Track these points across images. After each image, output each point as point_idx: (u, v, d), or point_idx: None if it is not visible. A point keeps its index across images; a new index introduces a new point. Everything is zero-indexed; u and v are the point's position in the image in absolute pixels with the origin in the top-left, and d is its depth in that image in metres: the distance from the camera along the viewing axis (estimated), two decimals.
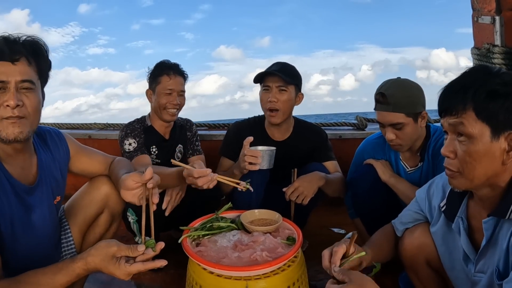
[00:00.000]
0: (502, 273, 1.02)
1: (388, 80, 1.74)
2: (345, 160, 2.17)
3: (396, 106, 1.64)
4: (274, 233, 1.45)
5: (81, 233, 1.51)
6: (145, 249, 1.14)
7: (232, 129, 2.19)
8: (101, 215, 1.52)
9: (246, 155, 1.74)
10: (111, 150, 2.32)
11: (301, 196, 1.78)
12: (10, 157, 1.24)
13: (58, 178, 1.41)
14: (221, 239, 1.41)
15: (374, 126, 3.18)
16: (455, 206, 1.20)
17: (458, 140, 1.05)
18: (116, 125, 3.42)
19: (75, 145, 1.50)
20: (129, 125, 2.13)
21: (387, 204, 1.76)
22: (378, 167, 1.82)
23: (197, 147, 2.36)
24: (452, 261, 1.24)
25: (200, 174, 1.47)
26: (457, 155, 1.05)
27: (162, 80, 2.11)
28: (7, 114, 1.15)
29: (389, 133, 1.70)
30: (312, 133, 2.17)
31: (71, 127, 3.52)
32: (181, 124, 2.34)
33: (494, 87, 1.01)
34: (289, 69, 2.03)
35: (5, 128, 1.16)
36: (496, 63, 2.18)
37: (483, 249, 1.10)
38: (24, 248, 1.26)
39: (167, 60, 2.18)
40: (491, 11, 2.27)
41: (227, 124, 3.28)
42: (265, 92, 2.01)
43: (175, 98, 2.11)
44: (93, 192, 1.50)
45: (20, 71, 1.17)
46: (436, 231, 1.29)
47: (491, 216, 1.07)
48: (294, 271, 1.28)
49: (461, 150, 1.04)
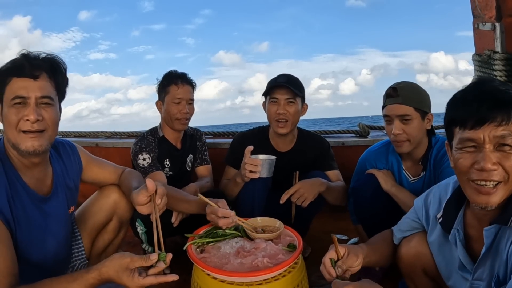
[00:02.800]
0: (502, 280, 1.03)
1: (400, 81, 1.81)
2: (347, 167, 2.19)
3: (406, 98, 1.70)
4: (275, 240, 1.49)
5: (91, 239, 1.57)
6: (157, 261, 1.18)
7: (237, 139, 2.23)
8: (110, 222, 1.58)
9: (246, 163, 1.78)
10: (117, 158, 2.38)
11: (301, 198, 1.82)
12: (27, 168, 1.30)
13: (72, 188, 1.47)
14: (225, 246, 1.45)
15: (377, 133, 3.21)
16: (451, 218, 1.21)
17: (500, 151, 1.00)
18: (123, 134, 3.48)
19: (86, 156, 1.56)
20: (143, 139, 2.13)
21: (388, 213, 1.77)
22: (380, 177, 1.84)
23: (206, 157, 2.40)
24: (448, 271, 1.26)
25: (224, 215, 1.51)
26: (501, 165, 1.00)
27: (170, 90, 2.14)
28: (27, 127, 1.22)
29: (396, 127, 1.71)
30: (314, 142, 2.21)
31: (78, 135, 3.57)
32: (191, 133, 2.37)
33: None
34: (295, 81, 2.06)
35: (24, 141, 1.22)
36: (497, 70, 2.20)
37: (483, 257, 1.10)
38: (39, 256, 1.31)
39: (174, 70, 2.22)
40: (491, 18, 2.29)
41: (232, 132, 3.33)
42: (272, 104, 2.04)
43: (184, 106, 2.13)
44: (102, 200, 1.56)
45: (40, 87, 1.24)
46: (433, 241, 1.30)
47: (493, 224, 1.06)
48: (295, 277, 1.32)
49: (508, 160, 0.99)
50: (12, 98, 1.20)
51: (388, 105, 1.75)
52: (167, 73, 2.21)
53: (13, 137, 1.22)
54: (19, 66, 1.22)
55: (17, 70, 1.22)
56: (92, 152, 1.64)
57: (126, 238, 1.76)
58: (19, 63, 1.23)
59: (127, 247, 2.36)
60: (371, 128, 3.24)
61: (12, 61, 1.24)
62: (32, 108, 1.21)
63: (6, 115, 1.22)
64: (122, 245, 2.32)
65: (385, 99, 1.78)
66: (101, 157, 1.67)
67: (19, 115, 1.21)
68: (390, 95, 1.75)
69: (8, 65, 1.23)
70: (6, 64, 1.23)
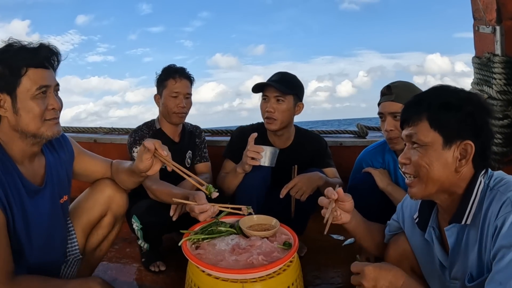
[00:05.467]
0: (475, 278, 1.07)
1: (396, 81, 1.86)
2: (345, 167, 2.20)
3: (399, 96, 1.73)
4: (271, 238, 1.48)
5: (85, 234, 1.57)
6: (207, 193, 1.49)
7: (237, 133, 2.24)
8: (105, 217, 1.57)
9: (249, 150, 1.82)
10: (116, 154, 2.38)
11: (300, 191, 1.84)
12: (26, 159, 1.31)
13: (64, 178, 1.47)
14: (220, 243, 1.44)
15: (375, 134, 3.20)
16: (426, 217, 1.26)
17: (413, 148, 1.13)
18: (121, 130, 3.48)
19: (77, 146, 1.57)
20: (138, 131, 2.16)
21: (383, 211, 1.79)
22: (376, 175, 1.86)
23: (205, 154, 2.39)
24: (430, 271, 1.29)
25: (201, 211, 1.54)
26: (411, 161, 1.13)
27: (168, 83, 2.14)
28: (52, 116, 1.27)
29: (388, 123, 1.76)
30: (312, 141, 2.21)
31: (76, 131, 3.57)
32: (190, 130, 2.37)
33: (448, 99, 1.09)
34: (288, 79, 2.07)
35: (49, 128, 1.27)
36: (496, 72, 2.20)
37: (451, 256, 1.16)
38: (36, 246, 1.32)
39: (173, 64, 2.22)
40: (491, 20, 2.29)
41: (229, 130, 3.32)
42: (263, 102, 2.07)
43: (182, 101, 2.13)
44: (96, 194, 1.55)
45: (53, 76, 1.29)
46: (414, 244, 1.34)
47: (451, 223, 1.13)
48: (289, 275, 1.31)
49: (416, 155, 1.12)
50: (38, 88, 1.21)
51: (381, 102, 1.81)
52: (165, 67, 2.21)
53: (36, 127, 1.24)
54: (35, 57, 1.23)
55: (34, 60, 1.22)
56: (90, 148, 1.65)
57: (123, 234, 1.76)
58: (34, 54, 1.23)
59: (124, 244, 2.37)
60: (369, 129, 3.24)
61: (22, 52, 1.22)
62: (53, 97, 1.27)
63: (26, 107, 1.21)
64: (119, 242, 2.33)
65: (380, 97, 1.83)
66: (99, 152, 1.68)
67: (43, 105, 1.24)
68: (384, 93, 1.81)
69: (19, 56, 1.21)
70: (13, 55, 1.21)
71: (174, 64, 2.22)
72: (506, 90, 2.10)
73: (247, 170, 1.89)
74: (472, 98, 1.11)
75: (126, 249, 2.31)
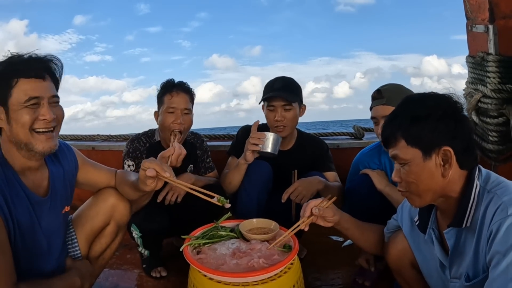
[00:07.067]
0: (471, 278, 1.10)
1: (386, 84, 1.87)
2: (343, 169, 2.20)
3: (390, 99, 1.74)
4: (271, 241, 1.49)
5: (88, 242, 1.56)
6: None
7: (242, 131, 2.24)
8: (108, 226, 1.57)
9: (251, 137, 1.84)
10: (114, 161, 2.37)
11: (300, 196, 1.85)
12: (28, 170, 1.31)
13: (67, 189, 1.47)
14: (221, 247, 1.45)
15: (372, 135, 3.20)
16: (425, 219, 1.27)
17: (401, 166, 1.17)
18: (119, 137, 3.47)
19: (81, 156, 1.57)
20: (134, 141, 2.05)
21: (382, 212, 1.80)
22: (374, 177, 1.86)
23: (209, 164, 2.27)
24: (429, 269, 1.31)
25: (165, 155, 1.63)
26: (401, 178, 1.17)
27: (165, 99, 2.01)
28: (42, 126, 1.24)
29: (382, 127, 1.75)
30: (313, 144, 2.23)
31: (74, 138, 3.56)
32: (191, 142, 2.21)
33: (415, 112, 1.11)
34: (291, 86, 2.07)
35: (40, 142, 1.25)
36: (490, 71, 2.22)
37: (451, 257, 1.18)
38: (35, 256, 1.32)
39: (172, 79, 2.08)
40: (484, 20, 2.30)
41: (229, 135, 3.34)
42: (270, 111, 2.05)
43: (179, 117, 1.96)
44: (100, 203, 1.55)
45: (49, 87, 1.27)
46: (413, 244, 1.36)
47: (450, 227, 1.15)
48: (290, 277, 1.33)
49: (403, 174, 1.16)
50: (27, 100, 1.20)
51: (373, 106, 1.82)
52: (163, 82, 2.08)
53: (26, 138, 1.23)
54: (26, 68, 1.22)
55: (24, 71, 1.22)
56: (89, 155, 1.65)
57: (123, 241, 1.76)
58: (25, 65, 1.23)
59: (124, 250, 2.37)
60: (366, 130, 3.25)
61: (14, 63, 1.22)
62: (47, 108, 1.24)
63: (17, 117, 1.21)
64: (119, 248, 2.32)
65: (372, 102, 1.84)
66: (97, 160, 1.67)
67: (34, 116, 1.22)
68: (375, 97, 1.82)
69: (10, 67, 1.22)
70: (6, 66, 1.22)
71: (173, 79, 2.09)
72: (501, 89, 2.11)
73: (249, 159, 1.88)
74: (439, 102, 1.13)
75: (127, 256, 2.31)
